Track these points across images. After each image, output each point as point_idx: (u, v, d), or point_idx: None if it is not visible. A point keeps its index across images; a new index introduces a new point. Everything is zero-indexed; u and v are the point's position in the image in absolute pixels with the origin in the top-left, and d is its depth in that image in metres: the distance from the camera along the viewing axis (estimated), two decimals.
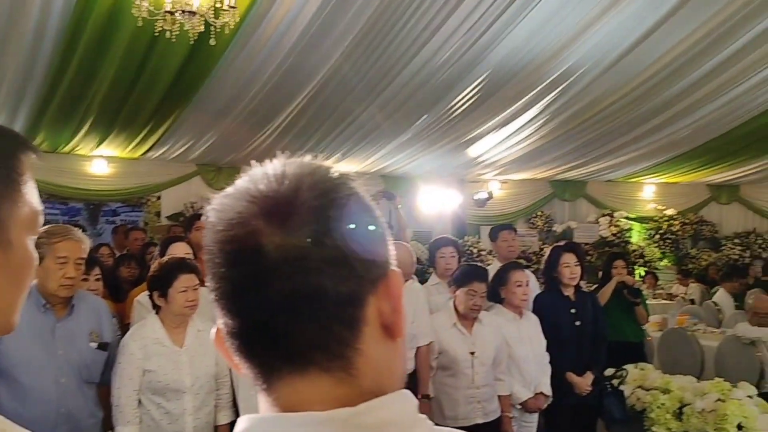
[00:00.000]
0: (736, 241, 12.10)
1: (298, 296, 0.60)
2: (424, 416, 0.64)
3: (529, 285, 3.65)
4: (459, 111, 7.34)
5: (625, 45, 6.00)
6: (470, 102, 7.09)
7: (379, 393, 0.62)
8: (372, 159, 9.14)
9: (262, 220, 0.61)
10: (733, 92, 7.28)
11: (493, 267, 4.40)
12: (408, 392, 0.64)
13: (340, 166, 0.68)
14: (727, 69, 6.62)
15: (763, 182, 11.85)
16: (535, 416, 3.66)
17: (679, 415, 4.42)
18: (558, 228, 11.28)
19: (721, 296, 8.10)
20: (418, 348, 3.39)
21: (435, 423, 0.65)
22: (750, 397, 4.36)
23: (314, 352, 0.61)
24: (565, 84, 6.75)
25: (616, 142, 8.90)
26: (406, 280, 3.58)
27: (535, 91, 6.91)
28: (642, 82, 6.85)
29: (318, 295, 0.60)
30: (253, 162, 0.67)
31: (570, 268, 3.97)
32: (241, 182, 0.65)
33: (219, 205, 0.64)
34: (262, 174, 0.64)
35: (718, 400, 4.32)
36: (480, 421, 3.20)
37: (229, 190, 0.66)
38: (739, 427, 4.15)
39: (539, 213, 11.56)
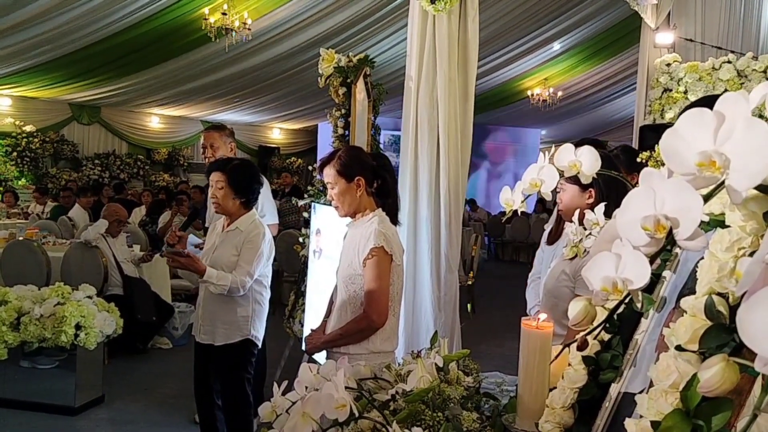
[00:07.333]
0: (97, 161, 12.47)
1: None
2: None
3: None
4: None
5: None
6: None
7: None
8: None
9: None
10: (86, 6, 7.25)
11: None
12: None
13: None
14: None
15: (122, 105, 12.47)
16: None
17: (17, 326, 4.25)
18: None
19: (76, 211, 8.20)
20: None
21: None
22: (90, 297, 4.52)
23: None
24: None
25: None
26: None
27: None
28: None
29: None
30: None
31: None
32: None
33: None
34: None
35: (58, 303, 4.32)
36: None
37: None
38: (78, 326, 4.25)
39: None
